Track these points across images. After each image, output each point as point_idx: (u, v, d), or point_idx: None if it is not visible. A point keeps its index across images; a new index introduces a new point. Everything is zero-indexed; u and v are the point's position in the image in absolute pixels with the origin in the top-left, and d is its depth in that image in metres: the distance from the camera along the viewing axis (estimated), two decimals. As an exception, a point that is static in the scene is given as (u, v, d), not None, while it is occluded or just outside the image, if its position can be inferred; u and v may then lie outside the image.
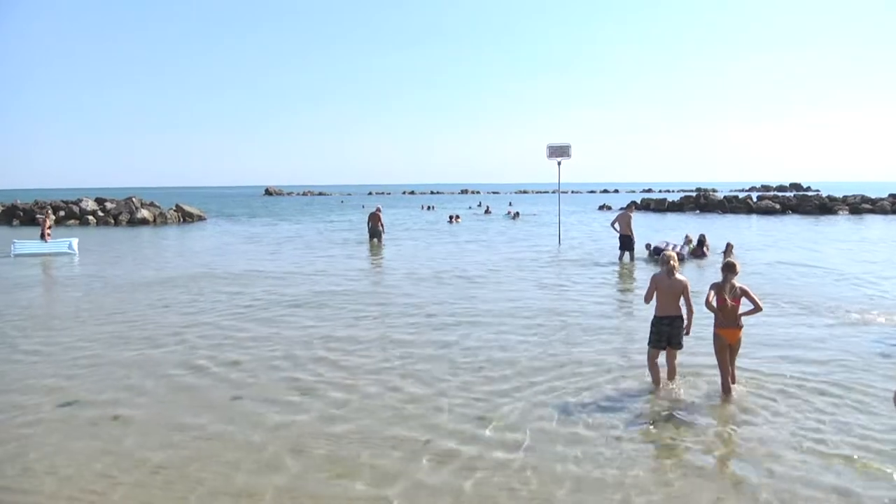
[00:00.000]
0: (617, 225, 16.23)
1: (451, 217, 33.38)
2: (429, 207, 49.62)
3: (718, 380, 6.30)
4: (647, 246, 17.61)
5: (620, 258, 16.15)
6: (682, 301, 6.38)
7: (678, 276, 6.41)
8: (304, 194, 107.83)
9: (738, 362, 6.53)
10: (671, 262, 6.38)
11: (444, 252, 18.22)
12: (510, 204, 56.28)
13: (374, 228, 21.56)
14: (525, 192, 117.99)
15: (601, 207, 48.90)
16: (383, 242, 21.28)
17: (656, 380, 6.45)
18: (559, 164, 20.79)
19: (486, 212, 42.28)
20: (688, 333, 6.43)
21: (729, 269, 6.16)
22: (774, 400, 6.02)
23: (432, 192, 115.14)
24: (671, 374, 6.49)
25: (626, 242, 16.27)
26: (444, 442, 5.10)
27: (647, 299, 6.47)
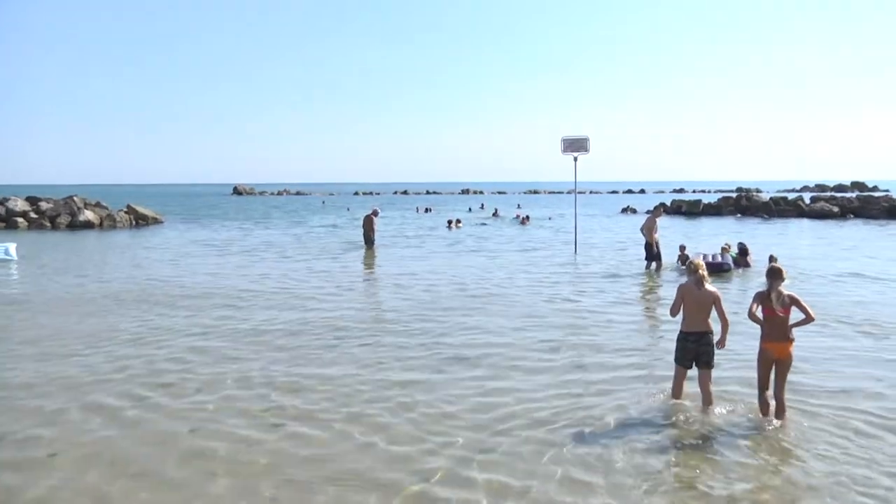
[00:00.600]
0: (644, 231, 16.58)
1: (450, 222, 33.48)
2: (426, 210, 49.74)
3: (757, 403, 6.38)
4: (682, 248, 17.78)
5: (647, 269, 16.29)
6: (714, 315, 6.51)
7: (708, 286, 6.52)
8: (280, 193, 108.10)
9: (790, 386, 6.57)
10: (700, 270, 6.51)
11: (443, 264, 18.24)
12: (518, 206, 56.43)
13: (367, 234, 22.10)
14: (536, 192, 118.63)
15: (625, 210, 49.03)
16: (375, 251, 21.68)
17: (676, 393, 6.62)
18: (575, 159, 20.89)
19: (494, 215, 42.51)
20: (721, 346, 6.52)
21: (774, 274, 6.24)
22: (829, 435, 6.00)
23: (428, 193, 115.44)
24: (706, 400, 6.55)
25: (648, 251, 16.45)
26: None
27: (674, 312, 6.58)
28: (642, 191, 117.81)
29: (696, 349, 6.49)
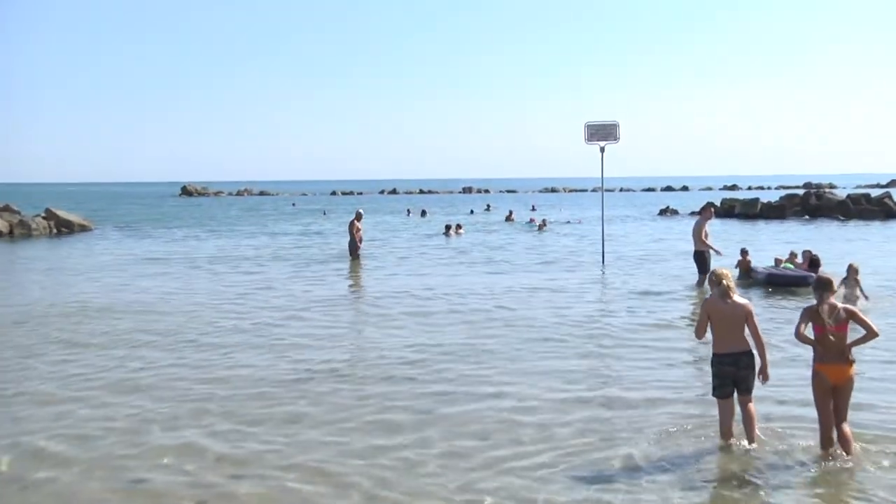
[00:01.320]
0: (693, 236, 16.58)
1: (448, 227, 33.60)
2: (422, 213, 49.82)
3: (818, 436, 6.57)
4: (743, 253, 17.57)
5: (698, 284, 16.26)
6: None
7: (737, 298, 6.83)
8: (240, 194, 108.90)
9: (854, 414, 6.74)
10: (724, 280, 6.83)
11: (443, 283, 18.13)
12: (533, 208, 56.64)
13: (352, 243, 22.48)
14: (553, 190, 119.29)
15: (663, 212, 49.38)
16: (361, 262, 22.00)
17: (726, 432, 6.83)
18: (602, 150, 20.97)
19: (508, 219, 42.63)
20: (765, 379, 6.77)
21: (823, 286, 6.48)
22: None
23: (422, 192, 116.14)
24: (751, 435, 6.75)
25: (700, 262, 16.39)
26: None
27: (700, 333, 6.96)
28: (685, 188, 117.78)
29: (733, 372, 6.73)
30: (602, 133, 20.68)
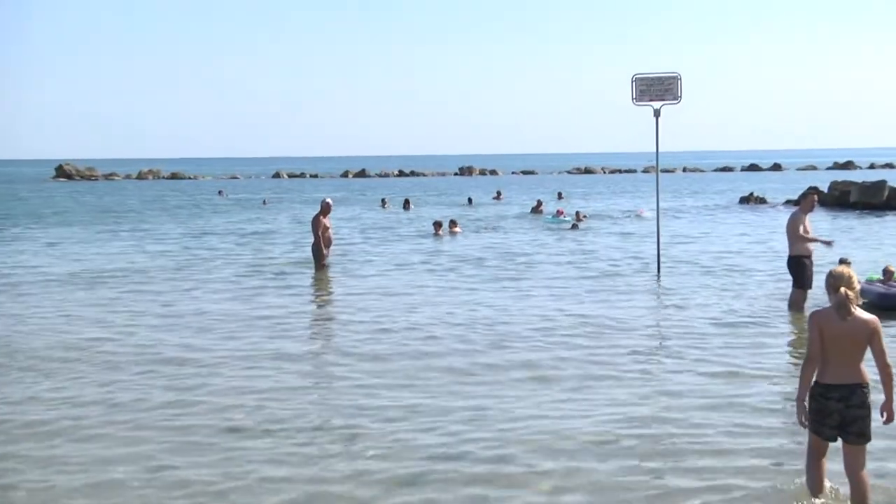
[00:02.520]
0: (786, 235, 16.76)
1: (436, 224, 33.86)
2: (405, 204, 49.94)
3: None
4: (844, 261, 17.26)
5: (793, 304, 16.37)
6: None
7: (860, 314, 6.98)
8: (143, 177, 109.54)
9: None
10: (842, 288, 6.96)
11: (444, 303, 17.99)
12: (559, 196, 56.86)
13: (317, 246, 22.85)
14: (588, 171, 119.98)
15: (745, 200, 49.92)
16: (329, 274, 22.49)
17: (815, 486, 7.32)
18: (657, 114, 21.13)
19: (535, 210, 43.37)
20: (890, 419, 7.02)
21: None
22: None
23: (402, 174, 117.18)
24: (858, 494, 7.07)
25: (797, 271, 16.41)
26: None
27: (814, 356, 7.05)
28: (777, 166, 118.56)
29: (841, 411, 6.95)
30: (657, 90, 20.81)
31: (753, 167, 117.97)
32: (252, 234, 34.49)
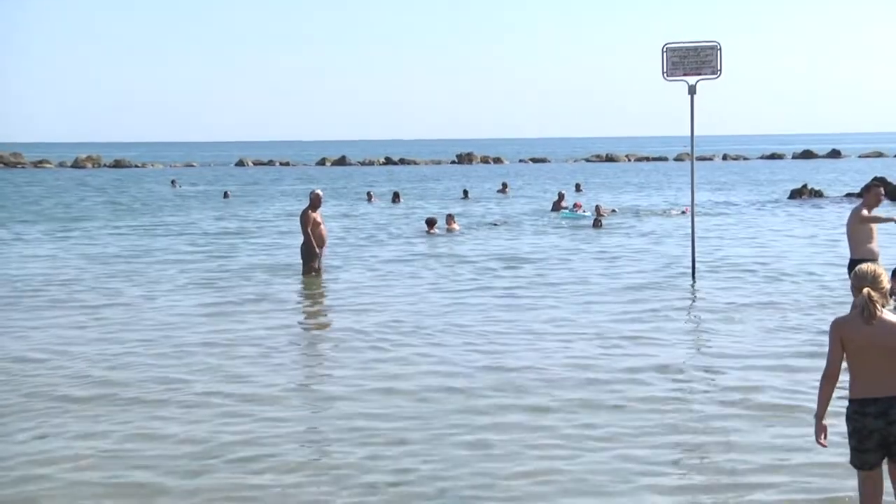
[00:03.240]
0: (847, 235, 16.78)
1: (430, 222, 34.00)
2: (394, 197, 50.52)
3: None
4: None
5: None
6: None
7: (888, 316, 7.12)
8: (80, 164, 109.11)
9: None
10: (865, 288, 7.13)
11: (454, 314, 18.19)
12: (577, 188, 56.28)
13: (308, 247, 22.66)
14: (610, 158, 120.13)
15: (797, 193, 49.93)
16: (322, 279, 22.45)
17: None
18: (693, 91, 21.17)
19: (557, 206, 42.54)
20: None
21: None
22: None
23: (389, 162, 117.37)
24: None
25: None
26: None
27: (833, 371, 7.25)
28: (835, 153, 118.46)
29: (883, 428, 7.07)
30: (692, 62, 20.74)
31: (807, 154, 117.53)
32: (216, 235, 34.00)
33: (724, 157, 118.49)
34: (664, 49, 20.95)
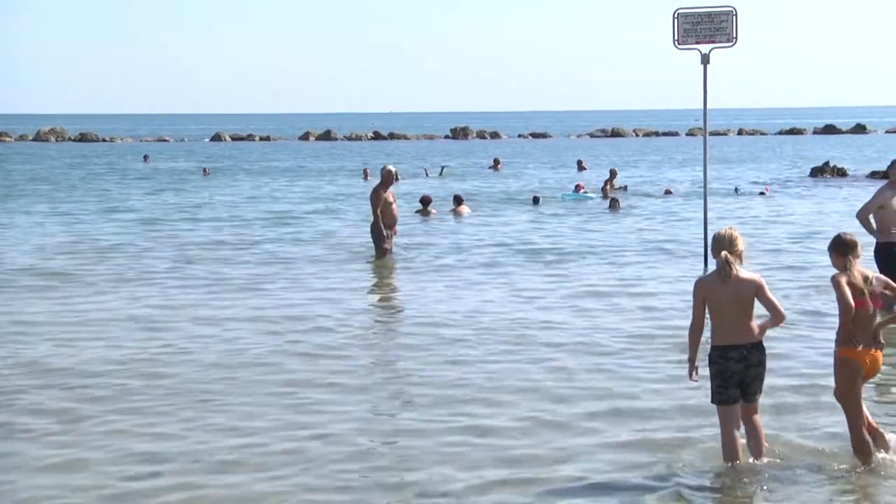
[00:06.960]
0: (872, 218, 16.67)
1: (424, 201, 34.48)
2: (395, 177, 49.85)
3: (848, 443, 9.03)
4: None
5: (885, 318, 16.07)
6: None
7: (743, 273, 8.85)
8: (42, 138, 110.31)
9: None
10: (723, 251, 8.78)
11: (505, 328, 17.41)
12: (580, 165, 56.82)
13: (377, 227, 22.94)
14: (616, 133, 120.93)
15: (818, 171, 50.35)
16: (394, 264, 22.96)
17: (730, 451, 9.05)
18: (706, 60, 21.26)
19: (605, 190, 39.73)
20: (760, 332, 8.91)
21: (843, 247, 8.78)
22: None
23: (378, 137, 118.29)
24: (758, 449, 9.12)
25: (886, 261, 16.32)
26: None
27: (696, 328, 9.02)
28: (860, 127, 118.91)
29: (740, 371, 8.84)
30: (705, 29, 20.89)
31: (830, 129, 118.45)
32: (197, 226, 31.53)
33: (741, 132, 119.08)
34: (675, 15, 21.03)
